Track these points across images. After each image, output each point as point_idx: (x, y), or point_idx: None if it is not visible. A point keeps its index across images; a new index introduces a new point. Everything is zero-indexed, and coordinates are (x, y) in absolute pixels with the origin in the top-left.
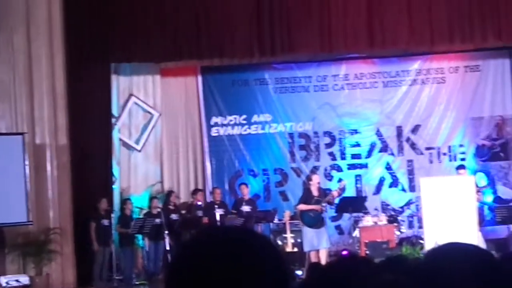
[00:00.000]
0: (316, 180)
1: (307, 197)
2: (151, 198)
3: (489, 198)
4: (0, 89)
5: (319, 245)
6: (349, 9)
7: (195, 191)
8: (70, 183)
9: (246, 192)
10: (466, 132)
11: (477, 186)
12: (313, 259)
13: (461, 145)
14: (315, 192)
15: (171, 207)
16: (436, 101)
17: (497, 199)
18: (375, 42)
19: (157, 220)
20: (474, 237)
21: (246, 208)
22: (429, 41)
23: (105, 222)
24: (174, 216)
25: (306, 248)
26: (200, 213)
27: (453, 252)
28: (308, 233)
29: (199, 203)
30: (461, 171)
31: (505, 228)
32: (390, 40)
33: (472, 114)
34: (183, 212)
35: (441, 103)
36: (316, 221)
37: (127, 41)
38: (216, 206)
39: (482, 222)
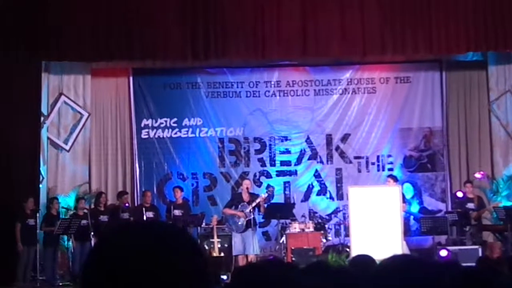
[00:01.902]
0: (246, 185)
1: (236, 200)
2: (78, 199)
3: (415, 209)
4: None
5: (247, 250)
6: (283, 16)
7: (121, 193)
8: None
9: (179, 196)
10: (395, 143)
11: (403, 196)
12: (241, 264)
13: (389, 155)
14: (245, 197)
15: (100, 208)
16: (366, 111)
17: (423, 209)
18: (308, 50)
19: (84, 222)
20: (399, 246)
21: (177, 212)
22: (361, 51)
23: (31, 222)
24: (102, 218)
25: (234, 253)
26: (126, 215)
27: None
28: (235, 237)
29: (127, 205)
30: (390, 179)
31: (429, 238)
32: (323, 48)
33: (401, 125)
34: (112, 214)
35: (371, 113)
36: (241, 226)
37: (58, 39)
38: (145, 209)
39: (408, 232)
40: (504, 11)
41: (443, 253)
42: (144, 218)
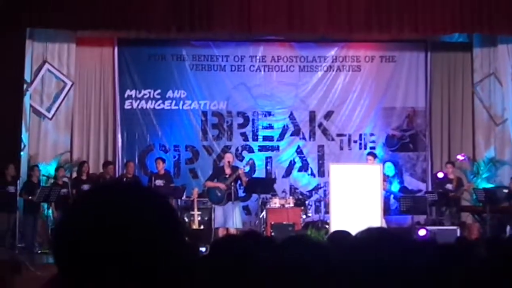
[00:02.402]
0: (228, 159)
1: (218, 174)
2: (58, 168)
3: (395, 188)
4: None
5: (227, 223)
6: None
7: (106, 164)
8: None
9: (161, 167)
10: (378, 121)
11: (384, 175)
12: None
13: (372, 134)
14: (227, 170)
15: (83, 177)
16: (351, 89)
17: (403, 189)
18: (293, 26)
19: (64, 190)
20: (378, 224)
21: (159, 183)
22: (347, 28)
23: (11, 188)
24: (85, 187)
25: (215, 225)
26: None
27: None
28: (217, 210)
29: (108, 175)
30: (370, 157)
31: (409, 217)
32: (309, 24)
33: (384, 104)
34: (94, 182)
35: (355, 91)
36: (222, 198)
37: (44, 6)
38: (126, 179)
39: (388, 210)
40: None
41: (422, 232)
42: None
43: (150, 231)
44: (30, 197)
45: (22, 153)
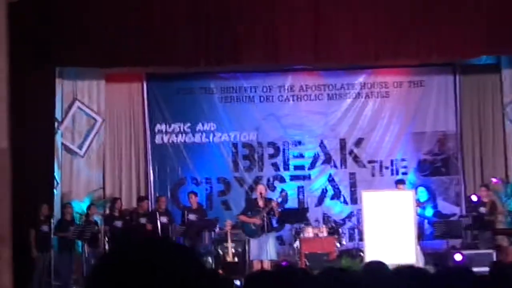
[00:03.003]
0: (261, 190)
1: (251, 207)
2: (90, 205)
3: (429, 213)
4: None
5: (262, 255)
6: (296, 20)
7: (140, 199)
8: (10, 187)
9: (194, 201)
10: (408, 147)
11: (417, 200)
12: (256, 269)
13: (403, 159)
14: (260, 202)
15: (115, 214)
16: (380, 115)
17: (437, 213)
18: (321, 55)
19: (96, 227)
20: (413, 251)
21: (192, 217)
22: (374, 55)
23: (45, 228)
24: (118, 223)
25: (250, 257)
26: (143, 220)
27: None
28: (252, 242)
29: (142, 211)
30: (400, 186)
31: (444, 242)
32: (336, 53)
33: (414, 129)
34: (127, 218)
35: (385, 117)
36: (256, 231)
37: (72, 45)
38: (159, 214)
39: (422, 235)
40: None
41: (458, 257)
42: (158, 223)
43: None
44: (64, 235)
45: (55, 191)
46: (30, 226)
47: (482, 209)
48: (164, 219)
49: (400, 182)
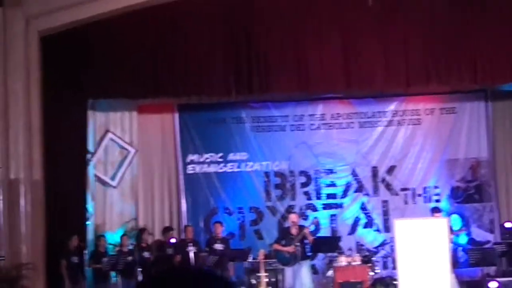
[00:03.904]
0: (293, 219)
1: (284, 235)
2: (122, 236)
3: (463, 240)
4: None
5: (296, 285)
6: (326, 49)
7: (166, 229)
8: (44, 218)
9: (219, 231)
10: (441, 174)
11: (451, 228)
12: None
13: (436, 187)
14: (293, 231)
15: (143, 245)
16: (412, 142)
17: (471, 241)
18: (351, 83)
19: (129, 258)
20: (447, 279)
21: (218, 247)
22: (405, 82)
23: (75, 259)
24: (146, 254)
25: (284, 287)
26: (171, 251)
27: None
28: (286, 271)
29: (172, 241)
30: (436, 214)
31: (479, 270)
32: (367, 81)
33: (447, 156)
34: (155, 249)
35: (417, 145)
36: (290, 259)
37: (104, 77)
38: (188, 244)
39: (456, 264)
40: None
41: (493, 284)
42: (189, 253)
43: None
44: (98, 266)
45: (88, 222)
46: (61, 257)
47: None
48: (192, 249)
49: (436, 210)
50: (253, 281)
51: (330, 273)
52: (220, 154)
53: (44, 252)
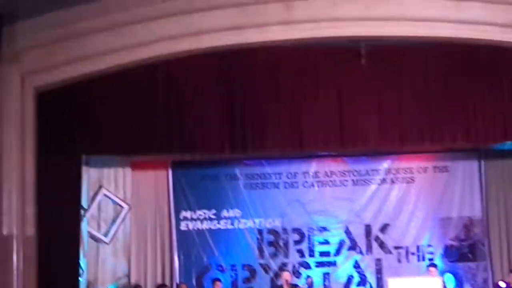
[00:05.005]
0: (286, 277)
1: None
2: None
3: None
4: None
5: None
6: (320, 108)
7: (160, 287)
8: (36, 275)
9: None
10: (435, 232)
11: (445, 287)
12: None
13: (429, 245)
14: None
15: None
16: (405, 201)
17: None
18: (345, 141)
19: None
20: None
21: None
22: (399, 141)
23: None
24: None
25: None
26: None
27: None
28: None
29: None
30: (432, 269)
31: None
32: (360, 139)
33: (440, 215)
34: None
35: (410, 203)
36: None
37: (98, 133)
38: None
39: None
40: None
41: None
42: None
43: None
44: None
45: (80, 279)
46: None
47: None
48: None
49: (431, 265)
50: None
51: None
52: (213, 211)
53: None
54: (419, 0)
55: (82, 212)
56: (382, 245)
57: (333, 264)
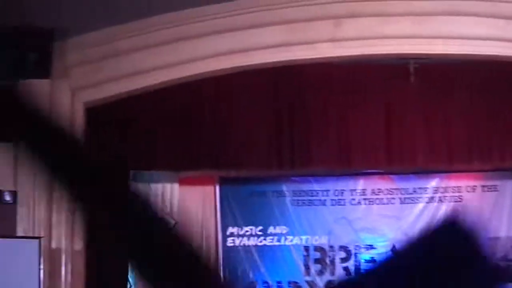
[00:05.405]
0: None
1: None
2: None
3: None
4: (21, 193)
5: None
6: (368, 126)
7: None
8: None
9: None
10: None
11: None
12: None
13: None
14: None
15: None
16: None
17: None
18: (393, 159)
19: None
20: None
21: None
22: (447, 160)
23: None
24: None
25: None
26: None
27: None
28: None
29: None
30: None
31: None
32: (408, 157)
33: (488, 234)
34: None
35: None
36: None
37: (146, 149)
38: None
39: None
40: None
41: None
42: None
43: None
44: None
45: None
46: None
47: None
48: None
49: None
50: None
51: None
52: (260, 228)
53: None
54: (467, 18)
55: None
56: None
57: None
